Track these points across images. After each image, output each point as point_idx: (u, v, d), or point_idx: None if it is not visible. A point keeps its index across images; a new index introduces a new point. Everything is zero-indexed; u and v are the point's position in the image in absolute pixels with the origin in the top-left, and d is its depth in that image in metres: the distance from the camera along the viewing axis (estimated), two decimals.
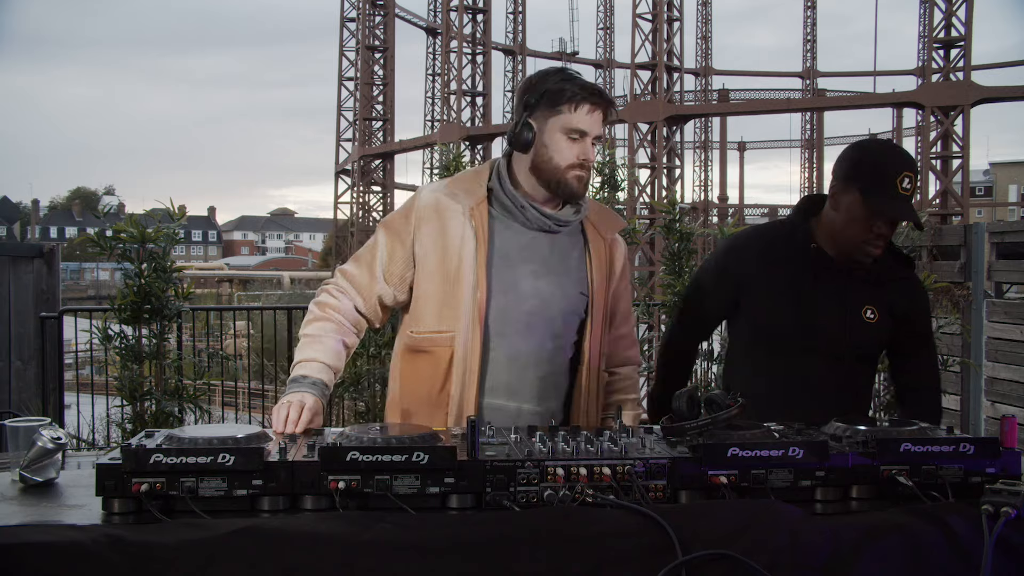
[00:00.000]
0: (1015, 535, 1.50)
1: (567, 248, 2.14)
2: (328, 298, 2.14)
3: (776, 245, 2.31)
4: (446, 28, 28.38)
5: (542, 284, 2.08)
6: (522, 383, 2.08)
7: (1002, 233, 6.48)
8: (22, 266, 5.73)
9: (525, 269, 2.07)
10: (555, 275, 2.10)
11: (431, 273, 2.08)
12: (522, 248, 2.09)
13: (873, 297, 2.27)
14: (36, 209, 65.08)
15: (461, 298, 2.04)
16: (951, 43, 20.97)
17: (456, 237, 2.05)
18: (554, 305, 2.08)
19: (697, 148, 43.07)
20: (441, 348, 2.06)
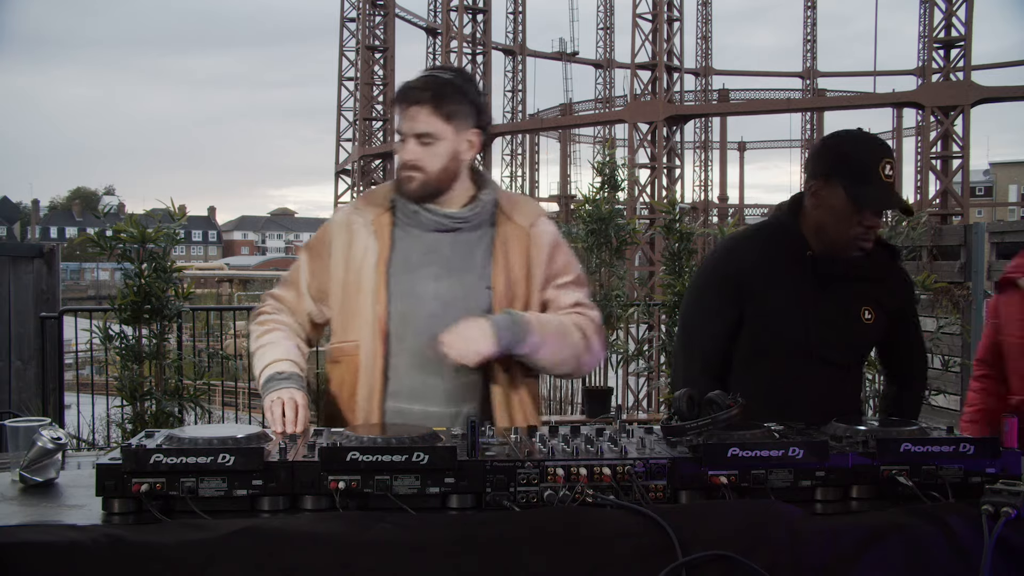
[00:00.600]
0: (1015, 535, 1.50)
1: (472, 244, 2.10)
2: (266, 316, 2.20)
3: (771, 252, 2.25)
4: (446, 28, 28.38)
5: (443, 286, 2.06)
6: (427, 387, 2.06)
7: (1002, 233, 6.48)
8: (22, 266, 5.73)
9: (426, 273, 2.07)
10: (457, 275, 2.07)
11: (338, 286, 2.12)
12: (424, 252, 2.08)
13: (869, 296, 2.26)
14: (36, 209, 65.08)
15: (361, 307, 2.07)
16: (951, 43, 20.97)
17: (360, 249, 2.09)
18: (457, 305, 2.04)
19: (697, 148, 43.08)
20: (349, 357, 2.09)
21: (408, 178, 2.04)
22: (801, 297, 2.21)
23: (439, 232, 2.09)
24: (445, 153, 2.04)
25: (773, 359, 2.24)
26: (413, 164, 2.03)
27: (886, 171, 2.11)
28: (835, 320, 2.23)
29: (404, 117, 2.04)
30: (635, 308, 6.67)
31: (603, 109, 39.42)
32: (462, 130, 2.05)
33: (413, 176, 2.04)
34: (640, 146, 22.30)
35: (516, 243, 2.11)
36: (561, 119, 37.21)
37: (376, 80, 31.69)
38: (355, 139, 31.68)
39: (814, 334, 2.21)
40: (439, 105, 2.01)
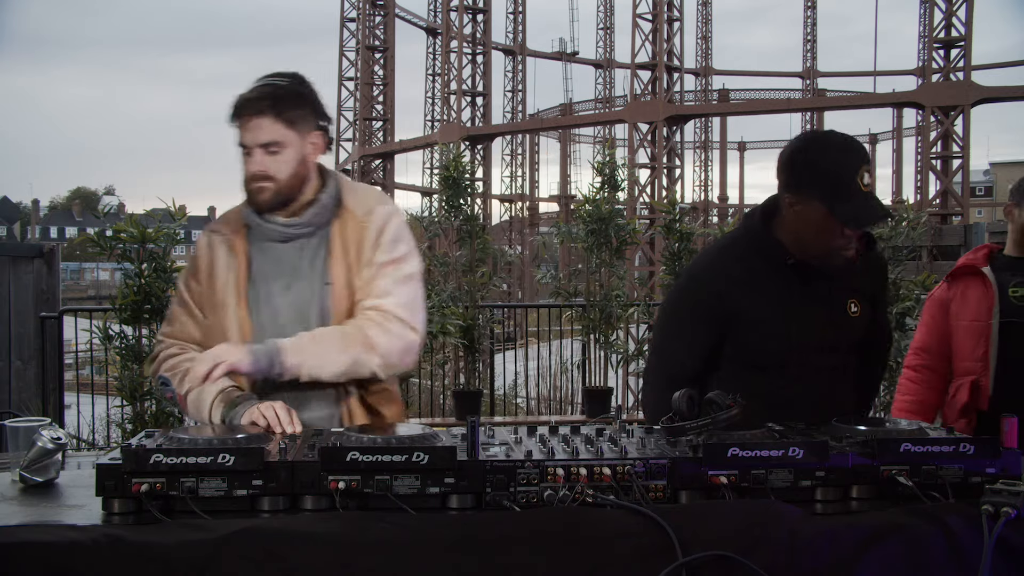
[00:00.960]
0: (1015, 535, 1.50)
1: (315, 247, 2.13)
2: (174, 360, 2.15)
3: (750, 264, 2.18)
4: (446, 28, 28.38)
5: (293, 294, 2.10)
6: (303, 395, 2.08)
7: (1002, 233, 6.46)
8: (22, 266, 5.73)
9: (279, 284, 2.11)
10: (306, 279, 2.11)
11: (210, 307, 2.15)
12: (276, 263, 2.12)
13: (851, 288, 2.22)
14: (36, 209, 65.07)
15: (227, 330, 2.10)
16: (951, 43, 20.95)
17: (222, 268, 2.13)
18: (310, 310, 2.09)
19: (697, 148, 43.08)
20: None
21: (259, 189, 2.04)
22: (787, 304, 2.15)
23: (286, 242, 2.12)
24: (293, 159, 2.05)
25: (769, 369, 2.19)
26: (263, 175, 2.03)
27: (864, 180, 2.00)
28: (824, 321, 2.19)
29: (246, 129, 2.03)
30: (635, 308, 6.67)
31: (603, 109, 39.42)
32: (305, 134, 2.07)
33: (264, 187, 2.04)
34: (640, 146, 22.29)
35: (352, 234, 2.12)
36: (561, 119, 37.21)
37: (376, 80, 31.68)
38: (355, 139, 31.66)
39: (806, 338, 2.17)
40: (280, 112, 2.01)
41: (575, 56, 43.36)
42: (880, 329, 2.41)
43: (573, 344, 7.76)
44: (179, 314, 2.20)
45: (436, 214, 6.69)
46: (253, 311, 2.11)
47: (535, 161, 41.33)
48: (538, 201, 40.33)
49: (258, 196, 2.06)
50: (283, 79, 2.08)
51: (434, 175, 20.12)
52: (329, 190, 2.14)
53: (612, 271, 6.64)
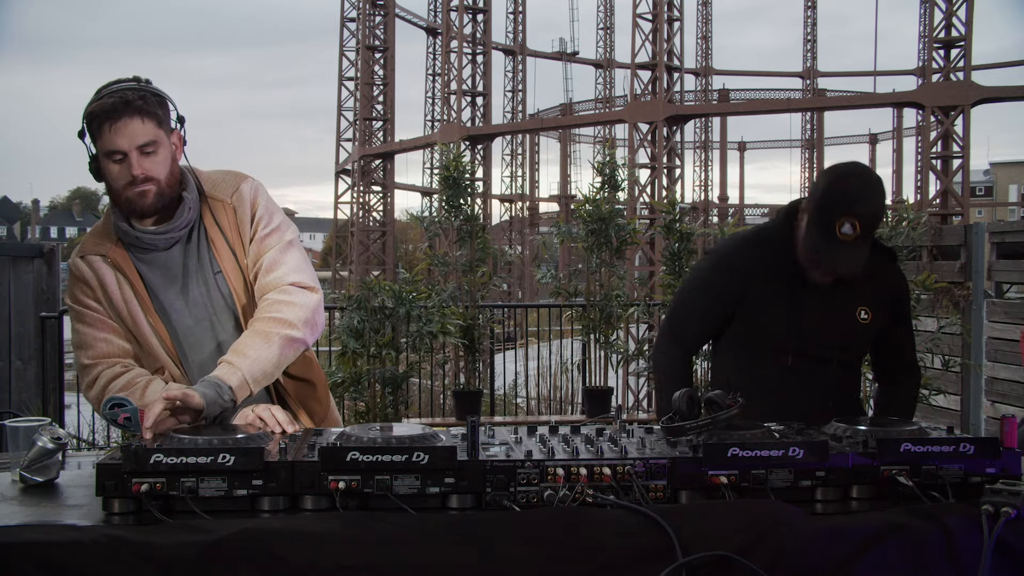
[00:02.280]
0: (1015, 535, 1.50)
1: (195, 242, 2.12)
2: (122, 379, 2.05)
3: (767, 256, 2.28)
4: (446, 28, 28.38)
5: (192, 295, 2.10)
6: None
7: (1002, 233, 6.47)
8: (22, 266, 5.73)
9: (174, 290, 2.10)
10: (196, 277, 2.11)
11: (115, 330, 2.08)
12: (164, 270, 2.10)
13: (865, 296, 2.26)
14: (36, 209, 65.03)
15: (147, 341, 2.07)
16: (951, 43, 20.95)
17: (113, 286, 2.07)
18: (208, 306, 2.11)
19: (697, 148, 43.06)
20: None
21: (142, 193, 1.99)
22: (793, 300, 2.23)
23: (168, 248, 2.09)
24: (167, 158, 2.02)
25: (771, 359, 2.28)
26: (145, 176, 1.98)
27: (843, 229, 2.05)
28: (830, 320, 2.24)
29: (118, 134, 1.95)
30: (635, 308, 6.67)
31: (603, 109, 39.41)
32: (169, 133, 2.05)
33: (147, 189, 1.99)
34: (640, 146, 22.29)
35: (225, 217, 2.12)
36: (561, 119, 37.21)
37: (376, 80, 31.67)
38: (355, 139, 31.65)
39: (807, 334, 2.24)
40: (148, 113, 1.98)
41: (575, 56, 43.35)
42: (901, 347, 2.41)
43: (573, 344, 7.76)
44: (96, 335, 2.08)
45: (436, 214, 6.67)
46: (165, 321, 2.09)
47: (535, 161, 41.33)
48: (538, 201, 40.34)
49: (142, 200, 2.00)
50: (131, 83, 2.03)
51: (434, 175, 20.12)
52: (190, 186, 2.12)
53: (612, 271, 6.64)
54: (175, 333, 2.10)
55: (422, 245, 8.45)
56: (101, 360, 2.08)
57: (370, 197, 31.71)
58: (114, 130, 1.95)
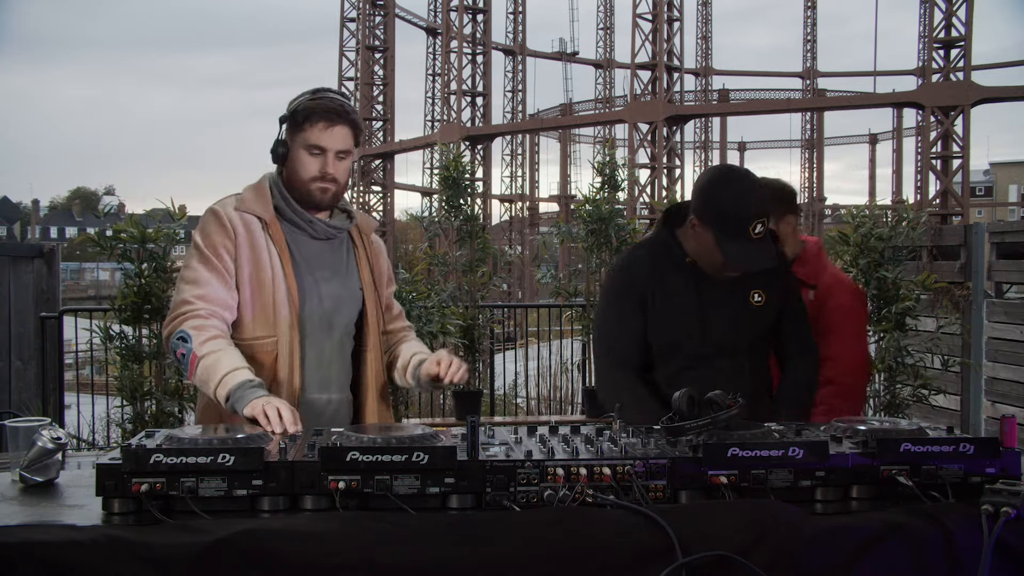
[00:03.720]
0: (1014, 535, 1.50)
1: (343, 252, 2.37)
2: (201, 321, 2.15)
3: (657, 262, 2.40)
4: (446, 28, 28.38)
5: (333, 287, 2.31)
6: (329, 377, 2.30)
7: (1002, 233, 6.47)
8: (22, 266, 5.73)
9: (320, 275, 2.29)
10: (340, 277, 2.33)
11: (245, 283, 2.22)
12: (314, 257, 2.30)
13: (756, 282, 2.36)
14: (36, 209, 65.03)
15: (278, 306, 2.21)
16: (951, 43, 20.96)
17: (263, 250, 2.23)
18: (344, 304, 2.32)
19: (697, 148, 43.07)
20: (262, 353, 2.21)
21: (325, 189, 2.24)
22: (688, 294, 2.35)
23: (325, 240, 2.31)
24: (348, 169, 2.29)
25: (675, 356, 2.36)
26: (332, 177, 2.24)
27: (756, 229, 2.21)
28: (724, 308, 2.34)
29: (328, 134, 2.21)
30: None
31: (603, 109, 39.42)
32: (356, 149, 2.30)
33: (329, 187, 2.24)
34: (640, 146, 22.29)
35: (365, 254, 2.41)
36: (561, 119, 37.21)
37: (376, 80, 31.68)
38: None
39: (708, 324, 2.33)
40: (353, 127, 2.26)
41: (575, 56, 43.36)
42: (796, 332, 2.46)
43: (573, 344, 7.75)
44: (210, 279, 2.19)
45: (436, 214, 6.66)
46: (304, 297, 2.23)
47: (535, 161, 41.33)
48: (538, 201, 40.34)
49: (323, 195, 2.24)
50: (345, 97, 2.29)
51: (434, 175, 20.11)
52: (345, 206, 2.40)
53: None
54: (307, 316, 2.25)
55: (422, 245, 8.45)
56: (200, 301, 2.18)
57: (370, 197, 31.73)
58: (325, 129, 2.20)
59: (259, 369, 2.17)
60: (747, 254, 2.21)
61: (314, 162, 2.22)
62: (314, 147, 2.21)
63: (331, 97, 2.25)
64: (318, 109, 2.21)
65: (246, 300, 2.23)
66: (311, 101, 2.23)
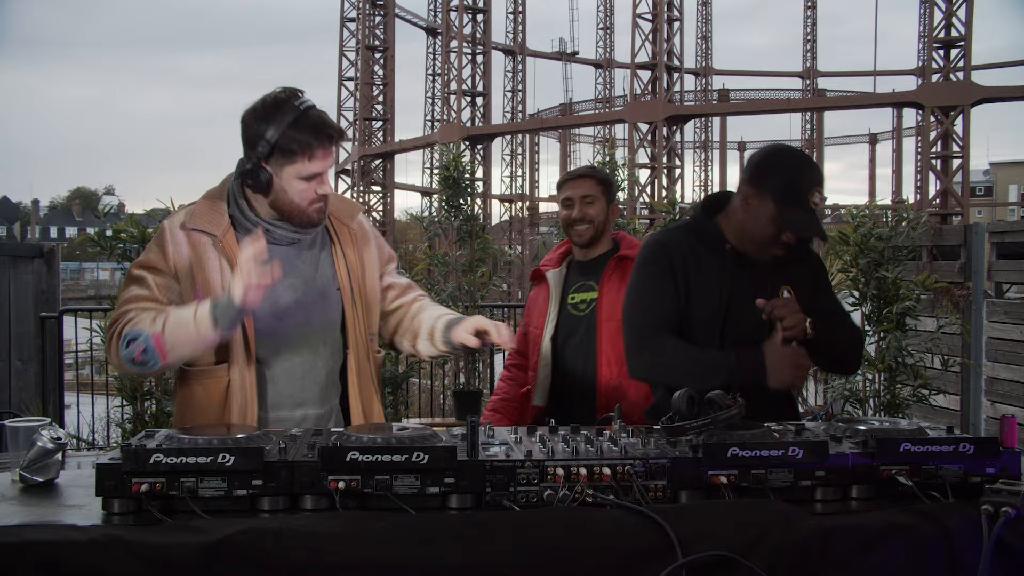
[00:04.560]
0: (1014, 535, 1.50)
1: (316, 250, 2.20)
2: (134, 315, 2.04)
3: (694, 244, 2.39)
4: (446, 28, 28.37)
5: (300, 295, 2.14)
6: (304, 391, 2.16)
7: (1002, 233, 6.48)
8: (22, 266, 5.73)
9: (284, 284, 2.09)
10: (311, 281, 2.16)
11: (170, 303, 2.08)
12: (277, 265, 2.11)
13: (786, 277, 2.37)
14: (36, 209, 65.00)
15: None
16: (951, 43, 20.95)
17: (214, 270, 2.08)
18: (317, 312, 2.16)
19: (697, 148, 43.07)
20: (215, 379, 2.08)
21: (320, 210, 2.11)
22: (720, 281, 2.34)
23: (283, 246, 2.13)
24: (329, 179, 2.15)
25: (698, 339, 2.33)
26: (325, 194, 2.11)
27: (814, 199, 2.24)
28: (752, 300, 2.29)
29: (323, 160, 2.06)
30: None
31: (603, 109, 39.41)
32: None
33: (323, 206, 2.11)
34: (640, 146, 22.29)
35: (347, 243, 2.24)
36: (561, 119, 37.20)
37: (376, 80, 31.66)
38: (355, 139, 31.64)
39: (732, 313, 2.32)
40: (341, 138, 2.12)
41: (575, 56, 43.35)
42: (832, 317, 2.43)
43: None
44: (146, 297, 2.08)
45: (436, 214, 6.66)
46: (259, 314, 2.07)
47: (535, 161, 41.32)
48: (538, 201, 40.32)
49: (320, 216, 2.11)
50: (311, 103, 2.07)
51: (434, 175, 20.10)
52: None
53: None
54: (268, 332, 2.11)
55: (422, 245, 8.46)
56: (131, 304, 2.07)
57: (370, 197, 31.71)
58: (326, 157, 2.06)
59: (211, 394, 2.07)
60: (803, 222, 2.24)
61: (308, 187, 2.07)
62: (312, 175, 2.06)
63: (315, 115, 2.05)
64: (313, 138, 2.02)
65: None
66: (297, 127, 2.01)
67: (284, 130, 2.01)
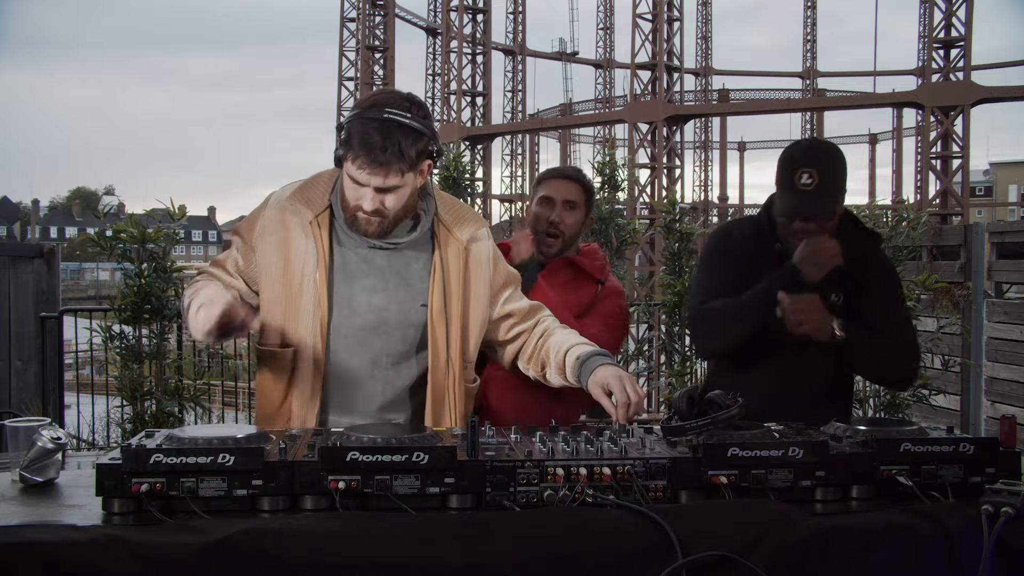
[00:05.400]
0: (1014, 535, 1.50)
1: (408, 260, 2.07)
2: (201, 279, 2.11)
3: (752, 239, 2.42)
4: (446, 28, 28.38)
5: (377, 299, 2.04)
6: (356, 399, 2.06)
7: (1002, 233, 6.48)
8: (22, 266, 5.72)
9: (363, 284, 2.04)
10: (392, 289, 2.05)
11: (273, 283, 2.05)
12: (360, 262, 2.05)
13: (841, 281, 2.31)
14: (36, 209, 65.04)
15: (302, 313, 2.01)
16: (951, 43, 20.96)
17: (299, 250, 2.02)
18: (390, 320, 2.04)
19: (697, 148, 43.08)
20: (284, 362, 2.03)
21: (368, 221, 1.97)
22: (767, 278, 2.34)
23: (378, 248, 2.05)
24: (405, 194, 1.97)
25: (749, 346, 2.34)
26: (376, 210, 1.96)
27: (802, 179, 2.22)
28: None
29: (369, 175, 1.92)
30: (635, 308, 6.66)
31: (603, 109, 39.42)
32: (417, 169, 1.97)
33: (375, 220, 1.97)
34: (640, 146, 22.29)
35: (453, 258, 2.08)
36: (561, 119, 37.22)
37: (376, 80, 31.66)
38: None
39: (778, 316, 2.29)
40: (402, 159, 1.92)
41: (575, 56, 43.36)
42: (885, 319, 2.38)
43: None
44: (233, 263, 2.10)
45: None
46: (335, 305, 2.02)
47: (535, 161, 41.31)
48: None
49: (367, 227, 1.98)
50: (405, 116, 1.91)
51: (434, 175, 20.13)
52: (429, 209, 2.09)
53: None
54: (337, 327, 2.03)
55: None
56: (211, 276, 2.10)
57: None
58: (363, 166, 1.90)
59: (276, 380, 2.04)
60: (790, 204, 2.24)
61: (357, 190, 1.95)
62: (356, 182, 1.94)
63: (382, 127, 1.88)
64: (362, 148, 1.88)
65: (270, 302, 2.05)
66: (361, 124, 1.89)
67: (351, 121, 1.92)
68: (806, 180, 2.21)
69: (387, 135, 1.88)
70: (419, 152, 1.93)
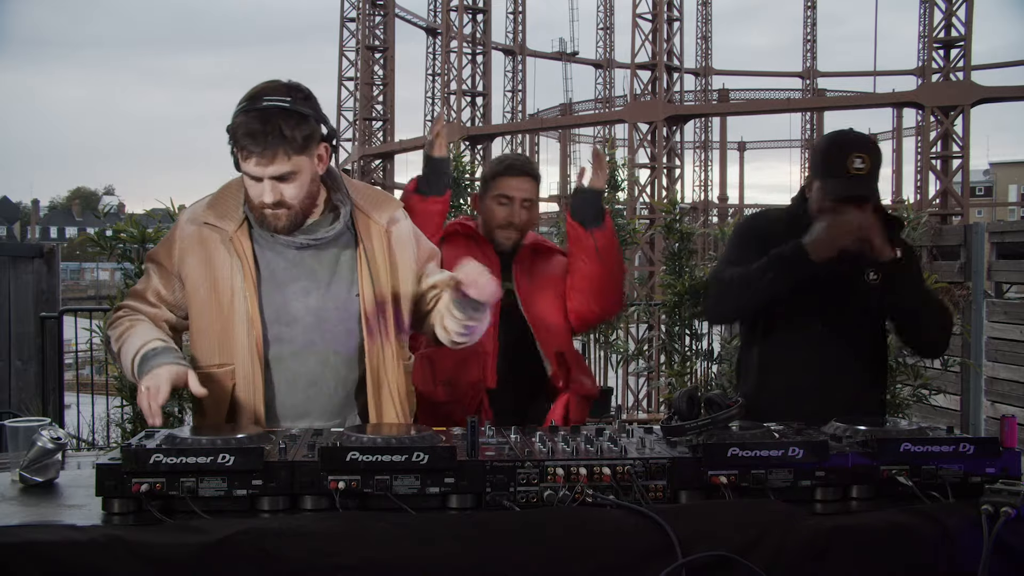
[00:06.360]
0: (1014, 535, 1.50)
1: (336, 252, 2.07)
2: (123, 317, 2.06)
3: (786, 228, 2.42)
4: (446, 28, 28.37)
5: (312, 300, 2.04)
6: (310, 403, 2.06)
7: (1002, 233, 6.47)
8: (22, 266, 5.72)
9: (295, 288, 2.03)
10: (326, 286, 2.05)
11: (203, 306, 2.03)
12: (289, 266, 2.04)
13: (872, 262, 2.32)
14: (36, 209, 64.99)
15: (235, 330, 2.00)
16: (951, 43, 20.94)
17: (224, 267, 2.00)
18: (329, 318, 2.05)
19: (697, 148, 43.06)
20: (221, 380, 2.01)
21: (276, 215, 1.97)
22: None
23: (301, 249, 2.04)
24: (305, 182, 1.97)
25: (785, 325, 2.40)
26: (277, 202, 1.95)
27: (855, 164, 2.24)
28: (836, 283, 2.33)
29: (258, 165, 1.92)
30: (635, 308, 6.67)
31: (603, 109, 39.41)
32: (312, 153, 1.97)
33: (280, 213, 1.97)
34: (640, 146, 22.28)
35: (377, 243, 2.09)
36: (561, 119, 37.20)
37: (376, 80, 31.65)
38: (355, 139, 31.64)
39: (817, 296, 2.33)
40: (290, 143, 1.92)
41: (575, 56, 43.35)
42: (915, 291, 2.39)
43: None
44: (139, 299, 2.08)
45: None
46: (268, 318, 2.02)
47: (535, 161, 41.29)
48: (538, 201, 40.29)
49: (275, 222, 1.98)
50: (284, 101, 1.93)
51: None
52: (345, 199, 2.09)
53: None
54: (276, 337, 2.03)
55: None
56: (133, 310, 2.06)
57: None
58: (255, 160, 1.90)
59: (217, 399, 1.99)
60: (843, 187, 2.25)
61: (256, 186, 1.95)
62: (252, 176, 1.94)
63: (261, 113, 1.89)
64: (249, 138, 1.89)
65: (202, 326, 2.04)
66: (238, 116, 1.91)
67: (235, 117, 1.92)
68: (859, 164, 2.24)
69: (266, 121, 1.88)
70: (306, 136, 1.93)
